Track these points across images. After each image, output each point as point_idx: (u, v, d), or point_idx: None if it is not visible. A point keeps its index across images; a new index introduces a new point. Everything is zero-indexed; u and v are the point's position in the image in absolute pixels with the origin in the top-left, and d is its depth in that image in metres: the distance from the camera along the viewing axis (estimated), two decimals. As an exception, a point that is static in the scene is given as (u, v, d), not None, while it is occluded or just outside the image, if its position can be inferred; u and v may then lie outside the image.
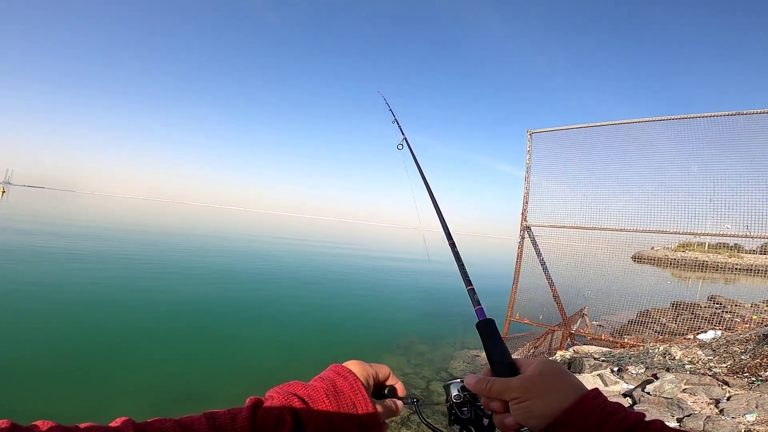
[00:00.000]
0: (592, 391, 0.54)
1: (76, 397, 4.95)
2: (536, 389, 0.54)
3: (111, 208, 63.97)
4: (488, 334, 0.65)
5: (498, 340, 0.64)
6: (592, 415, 0.50)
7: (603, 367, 4.67)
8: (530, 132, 7.38)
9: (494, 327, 0.66)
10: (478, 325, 0.67)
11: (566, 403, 0.52)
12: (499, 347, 0.63)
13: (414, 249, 42.86)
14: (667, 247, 6.08)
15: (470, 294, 0.77)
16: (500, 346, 0.63)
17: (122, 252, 16.28)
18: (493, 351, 0.63)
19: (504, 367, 0.61)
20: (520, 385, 0.55)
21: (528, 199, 7.28)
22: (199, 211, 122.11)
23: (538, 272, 7.02)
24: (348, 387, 0.59)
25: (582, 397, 0.52)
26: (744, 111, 4.87)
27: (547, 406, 0.52)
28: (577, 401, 0.52)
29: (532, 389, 0.54)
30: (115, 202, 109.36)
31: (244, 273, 15.26)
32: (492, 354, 0.63)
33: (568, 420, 0.51)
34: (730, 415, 3.03)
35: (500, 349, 0.63)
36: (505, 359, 0.61)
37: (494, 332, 0.65)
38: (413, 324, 10.40)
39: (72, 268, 11.93)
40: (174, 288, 11.24)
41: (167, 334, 7.58)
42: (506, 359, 0.61)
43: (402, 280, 18.38)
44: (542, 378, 0.55)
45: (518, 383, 0.55)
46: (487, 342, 0.64)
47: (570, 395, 0.53)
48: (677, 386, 3.59)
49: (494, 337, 0.64)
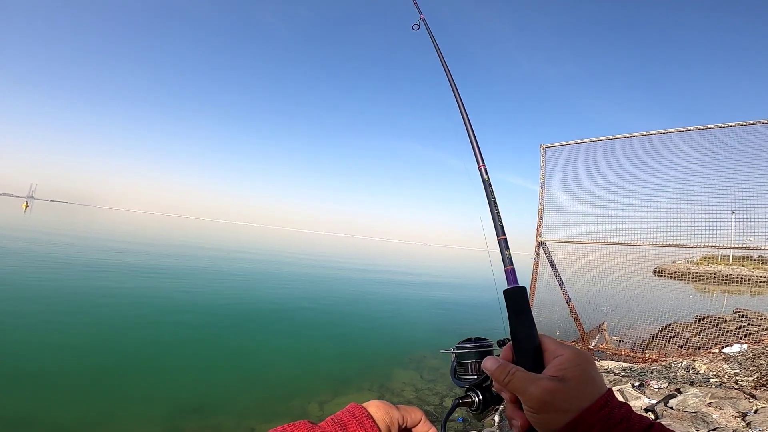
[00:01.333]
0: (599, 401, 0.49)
1: (89, 404, 5.01)
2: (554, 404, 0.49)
3: (131, 223, 65.62)
4: (517, 309, 0.57)
5: (527, 316, 0.56)
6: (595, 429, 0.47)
7: (623, 382, 4.53)
8: (543, 146, 7.38)
9: (526, 299, 0.58)
10: (507, 294, 0.58)
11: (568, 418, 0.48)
12: (526, 326, 0.55)
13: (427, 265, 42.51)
14: (689, 260, 5.93)
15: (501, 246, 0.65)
16: (528, 324, 0.56)
17: (145, 265, 16.64)
18: (519, 329, 0.56)
19: (528, 352, 0.54)
20: (540, 397, 0.49)
21: (543, 215, 7.22)
22: (215, 227, 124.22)
23: (554, 288, 6.89)
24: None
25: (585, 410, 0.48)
26: (762, 120, 4.80)
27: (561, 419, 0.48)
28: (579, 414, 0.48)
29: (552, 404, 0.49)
30: (134, 218, 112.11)
31: (258, 287, 15.38)
32: (517, 333, 0.56)
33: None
34: (757, 428, 2.90)
35: (527, 329, 0.55)
36: (531, 342, 0.54)
37: (524, 306, 0.57)
38: (426, 338, 10.27)
39: (91, 279, 12.24)
40: (192, 300, 11.39)
41: (183, 346, 7.67)
42: (532, 342, 0.54)
43: (416, 294, 18.20)
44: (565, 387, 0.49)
45: (539, 394, 0.49)
46: (513, 318, 0.56)
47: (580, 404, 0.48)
48: (702, 400, 3.45)
49: (523, 313, 0.56)
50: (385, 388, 6.55)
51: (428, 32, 1.18)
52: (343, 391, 6.26)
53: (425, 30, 1.21)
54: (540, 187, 7.35)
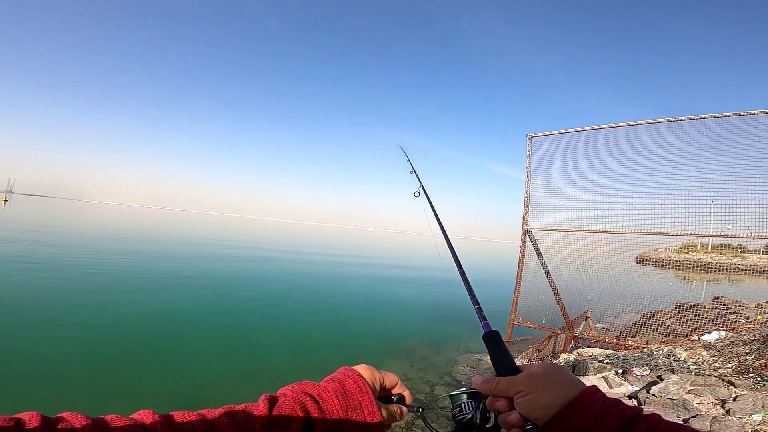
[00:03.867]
0: (592, 387, 0.57)
1: (83, 401, 4.95)
2: (540, 383, 0.58)
3: (117, 217, 64.16)
4: (493, 344, 0.71)
5: (502, 347, 0.70)
6: (594, 406, 0.53)
7: (607, 369, 4.65)
8: (530, 136, 7.40)
9: (499, 337, 0.72)
10: (485, 337, 0.73)
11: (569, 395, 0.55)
12: (503, 354, 0.69)
13: (415, 256, 42.77)
14: (670, 248, 6.06)
15: (478, 312, 0.83)
16: (504, 352, 0.69)
17: (136, 259, 16.32)
18: (497, 357, 0.69)
19: (508, 370, 0.66)
20: (524, 379, 0.59)
21: (529, 203, 7.27)
22: (200, 218, 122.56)
23: (541, 276, 7.00)
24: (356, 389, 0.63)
25: (584, 391, 0.56)
26: (742, 112, 4.89)
27: (551, 398, 0.56)
28: (579, 394, 0.55)
29: (536, 383, 0.58)
30: (119, 211, 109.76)
31: (250, 280, 15.26)
32: (497, 360, 0.69)
33: (572, 410, 0.54)
34: (736, 415, 3.01)
35: (504, 355, 0.68)
36: (508, 363, 0.67)
37: (499, 341, 0.71)
38: (417, 328, 10.38)
39: (82, 275, 11.96)
40: (187, 294, 11.25)
41: (178, 340, 7.60)
42: (509, 363, 0.67)
43: (405, 285, 18.33)
44: (545, 374, 0.59)
45: (522, 378, 0.60)
46: (492, 351, 0.70)
47: (572, 389, 0.56)
48: (682, 387, 3.57)
49: (499, 345, 0.71)
50: (375, 379, 6.62)
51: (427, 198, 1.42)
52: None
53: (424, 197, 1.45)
54: (526, 176, 7.39)
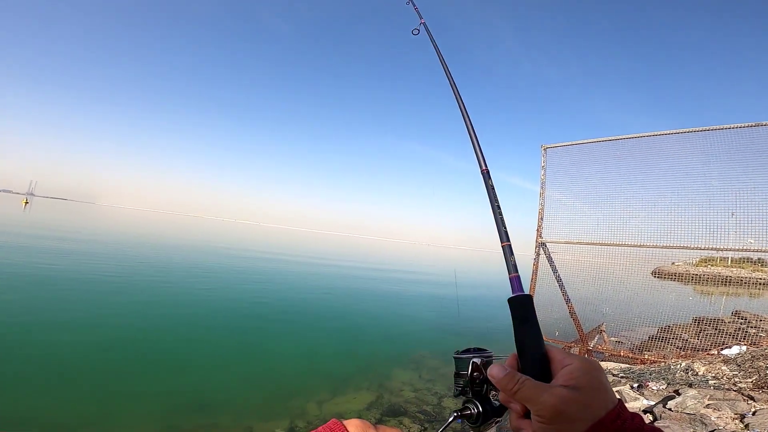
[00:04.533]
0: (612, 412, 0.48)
1: (88, 402, 5.02)
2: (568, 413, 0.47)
3: (133, 221, 65.59)
4: (522, 317, 0.55)
5: (532, 325, 0.55)
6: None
7: (622, 383, 4.53)
8: (545, 147, 7.37)
9: (531, 306, 0.56)
10: (512, 301, 0.57)
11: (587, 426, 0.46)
12: (533, 334, 0.54)
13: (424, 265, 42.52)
14: (688, 262, 5.92)
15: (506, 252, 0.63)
16: (535, 333, 0.55)
17: (146, 263, 16.64)
18: (525, 338, 0.54)
19: (535, 361, 0.53)
20: (555, 405, 0.47)
21: (543, 215, 7.22)
22: (214, 225, 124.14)
23: (554, 288, 6.90)
24: None
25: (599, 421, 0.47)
26: (765, 122, 4.80)
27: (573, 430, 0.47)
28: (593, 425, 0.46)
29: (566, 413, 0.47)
30: (134, 215, 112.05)
31: (259, 286, 15.38)
32: (524, 341, 0.54)
33: None
34: (755, 429, 2.90)
35: (534, 337, 0.54)
36: (538, 351, 0.53)
37: (530, 314, 0.55)
38: (425, 338, 10.29)
39: (94, 276, 12.24)
40: (193, 299, 11.39)
41: (183, 344, 7.68)
42: (539, 350, 0.53)
43: (415, 294, 18.21)
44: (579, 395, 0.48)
45: (552, 402, 0.47)
46: (518, 326, 0.55)
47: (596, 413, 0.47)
48: (700, 402, 3.46)
49: (529, 321, 0.55)
50: (383, 388, 6.56)
51: (429, 36, 1.17)
52: (342, 390, 6.27)
53: (425, 34, 1.21)
54: (540, 187, 7.35)
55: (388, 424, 5.63)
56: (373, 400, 6.02)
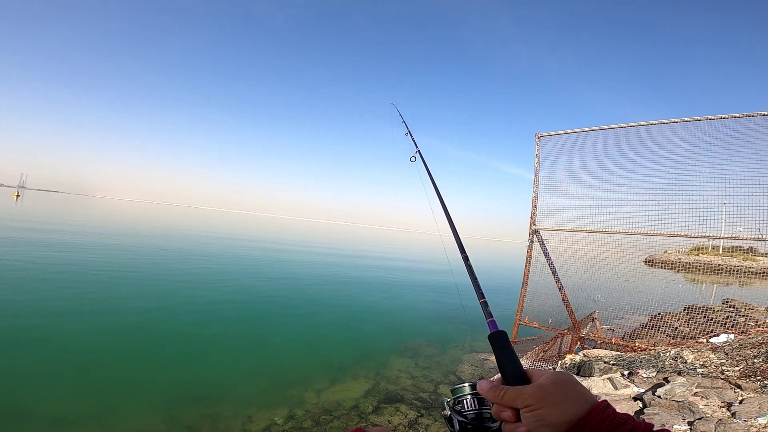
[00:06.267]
0: (602, 402, 0.54)
1: (88, 396, 5.04)
2: (550, 397, 0.54)
3: (127, 213, 65.14)
4: (500, 346, 0.67)
5: (509, 351, 0.66)
6: (603, 425, 0.51)
7: (613, 370, 4.63)
8: (538, 135, 7.35)
9: (506, 338, 0.68)
10: (491, 337, 0.69)
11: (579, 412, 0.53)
12: (510, 358, 0.65)
13: (424, 253, 42.73)
14: (680, 250, 5.99)
15: (483, 307, 0.78)
16: (512, 356, 0.65)
17: (144, 255, 16.58)
18: (504, 361, 0.65)
19: (516, 377, 0.62)
20: (534, 392, 0.56)
21: (537, 203, 7.24)
22: (210, 215, 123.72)
23: (548, 276, 6.97)
24: None
25: (593, 408, 0.53)
26: (756, 113, 4.82)
27: (560, 414, 0.53)
28: (588, 411, 0.52)
29: (546, 397, 0.55)
30: (129, 207, 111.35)
31: (256, 277, 15.41)
32: (504, 364, 0.65)
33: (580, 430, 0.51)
34: (742, 418, 2.99)
35: (512, 360, 0.65)
36: (517, 369, 0.63)
37: (506, 344, 0.67)
38: (421, 326, 10.39)
39: (90, 269, 12.20)
40: (191, 291, 11.40)
41: (182, 336, 7.71)
42: (518, 369, 0.63)
43: (411, 282, 18.34)
44: (555, 386, 0.56)
45: (532, 391, 0.56)
46: (499, 353, 0.67)
47: (582, 405, 0.54)
48: (688, 390, 3.55)
49: (506, 348, 0.67)
50: (381, 376, 6.65)
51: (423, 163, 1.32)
52: (340, 379, 6.35)
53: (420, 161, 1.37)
54: (534, 175, 7.36)
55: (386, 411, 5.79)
56: (370, 388, 6.10)
